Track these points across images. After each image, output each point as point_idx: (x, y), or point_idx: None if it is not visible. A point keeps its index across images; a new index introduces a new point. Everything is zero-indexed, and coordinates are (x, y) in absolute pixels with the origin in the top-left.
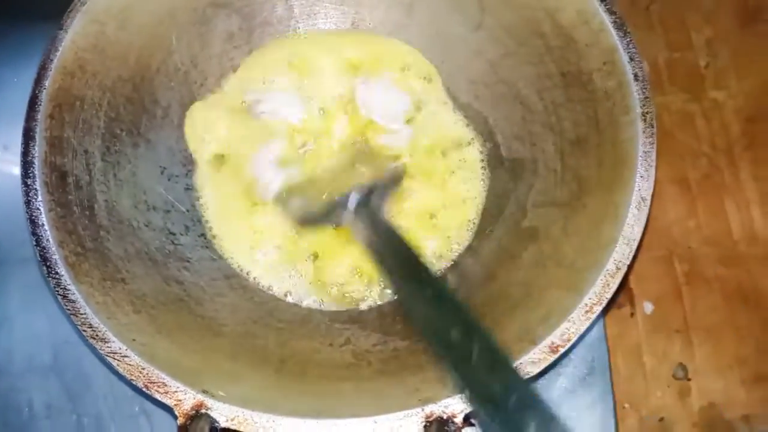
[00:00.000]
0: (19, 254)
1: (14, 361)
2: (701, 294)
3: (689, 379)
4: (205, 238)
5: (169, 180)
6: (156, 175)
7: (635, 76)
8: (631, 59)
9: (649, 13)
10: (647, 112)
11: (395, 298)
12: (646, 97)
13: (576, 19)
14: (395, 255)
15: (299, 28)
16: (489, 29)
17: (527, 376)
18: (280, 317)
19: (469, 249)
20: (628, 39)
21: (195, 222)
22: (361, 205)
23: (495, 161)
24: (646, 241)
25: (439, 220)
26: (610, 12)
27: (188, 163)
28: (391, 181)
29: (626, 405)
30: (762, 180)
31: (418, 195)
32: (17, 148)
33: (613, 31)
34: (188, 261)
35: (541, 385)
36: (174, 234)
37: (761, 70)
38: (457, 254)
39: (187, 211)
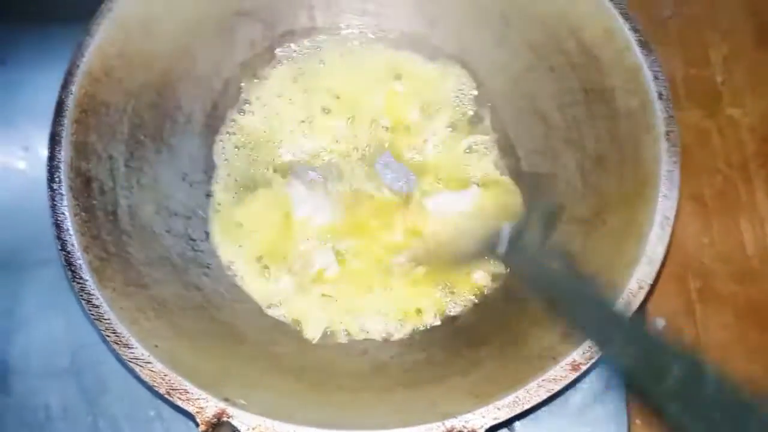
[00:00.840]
0: (38, 257)
1: (32, 363)
2: (713, 311)
3: None
4: None
5: (190, 186)
6: (177, 182)
7: (659, 94)
8: (656, 78)
9: (667, 29)
10: (671, 131)
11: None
12: (670, 116)
13: (600, 36)
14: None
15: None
16: (512, 44)
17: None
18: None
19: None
20: (653, 57)
21: None
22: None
23: (515, 175)
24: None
25: None
26: (635, 30)
27: (209, 169)
28: (544, 217)
29: (638, 421)
30: None
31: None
32: (37, 150)
33: (638, 50)
34: (208, 267)
35: (556, 401)
36: (194, 240)
37: None
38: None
39: (208, 217)
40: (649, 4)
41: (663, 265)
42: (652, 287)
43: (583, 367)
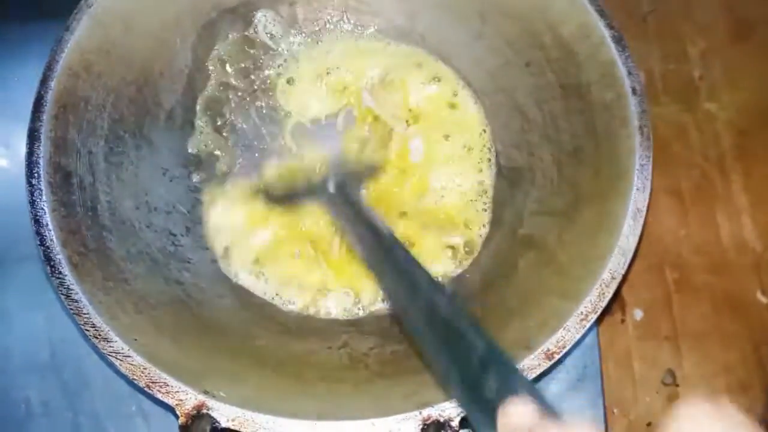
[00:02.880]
0: (18, 252)
1: (12, 358)
2: (690, 302)
3: (678, 385)
4: (206, 240)
5: (170, 181)
6: (158, 177)
7: (633, 89)
8: (630, 73)
9: (645, 24)
10: (644, 126)
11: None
12: (643, 111)
13: (576, 32)
14: (367, 232)
15: (303, 33)
16: (489, 39)
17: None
18: (278, 319)
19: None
20: (627, 53)
21: (196, 223)
22: (339, 187)
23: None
24: (638, 250)
25: None
26: (610, 26)
27: (189, 164)
28: (368, 171)
29: (615, 410)
30: (752, 191)
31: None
32: (17, 146)
33: (613, 45)
34: (189, 262)
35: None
36: (175, 235)
37: (752, 84)
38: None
39: (188, 212)
40: (628, 1)
41: (635, 255)
42: (625, 277)
43: (557, 356)
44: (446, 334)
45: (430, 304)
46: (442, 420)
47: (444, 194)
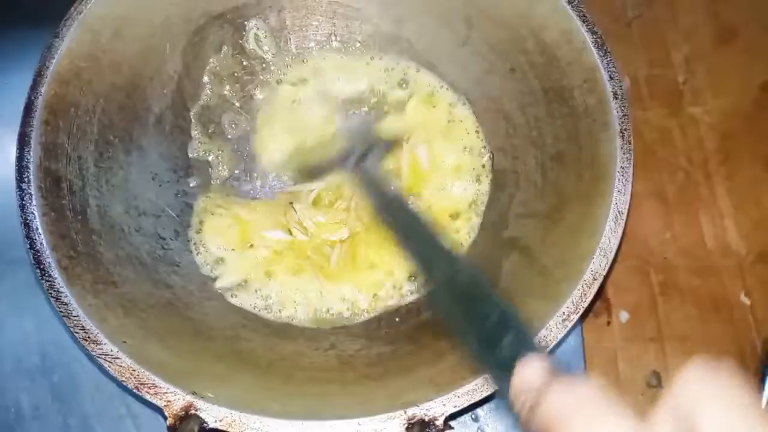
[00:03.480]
0: (8, 256)
1: (2, 362)
2: (675, 304)
3: (663, 387)
4: (194, 244)
5: (160, 186)
6: (147, 181)
7: (614, 94)
8: (611, 78)
9: (630, 30)
10: (625, 129)
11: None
12: (625, 115)
13: (559, 37)
14: (388, 202)
15: (290, 39)
16: (475, 45)
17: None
18: (267, 321)
19: None
20: (609, 58)
21: (184, 227)
22: (360, 161)
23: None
24: (624, 252)
25: None
26: (592, 32)
27: (179, 169)
28: (388, 144)
29: None
30: (735, 194)
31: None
32: (6, 152)
33: (594, 51)
34: (177, 265)
35: None
36: (164, 239)
37: (735, 88)
38: None
39: (177, 216)
40: (612, 6)
41: (617, 257)
42: (608, 278)
43: None
44: (467, 298)
45: (451, 270)
46: (426, 419)
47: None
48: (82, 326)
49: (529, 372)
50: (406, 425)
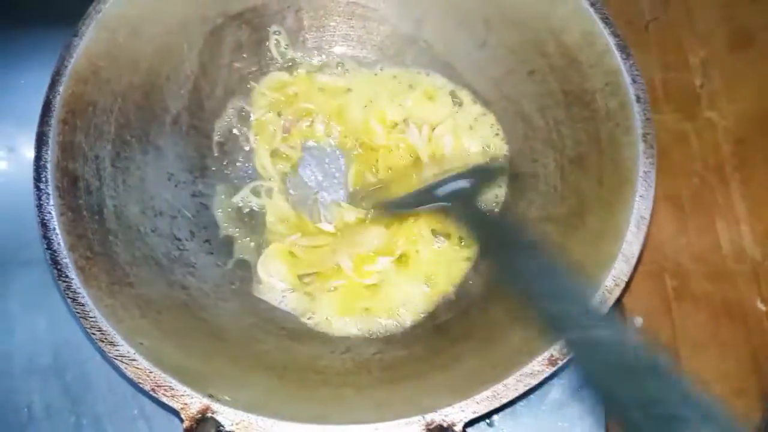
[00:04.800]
0: (22, 256)
1: (14, 361)
2: (689, 309)
3: None
4: (210, 244)
5: (176, 186)
6: (163, 182)
7: (637, 97)
8: (634, 81)
9: (647, 33)
10: (648, 133)
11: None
12: (647, 119)
13: (580, 40)
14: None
15: (308, 40)
16: (493, 47)
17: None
18: (282, 324)
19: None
20: (631, 61)
21: (200, 228)
22: (459, 192)
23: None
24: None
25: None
26: (614, 34)
27: (194, 169)
28: (489, 173)
29: None
30: (750, 199)
31: None
32: (23, 151)
33: (617, 53)
34: (193, 266)
35: (534, 396)
36: (180, 240)
37: (751, 93)
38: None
39: (193, 217)
40: (629, 9)
41: (638, 263)
42: (628, 284)
43: (560, 362)
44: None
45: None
46: (445, 425)
47: None
48: (99, 327)
49: None
50: (424, 430)
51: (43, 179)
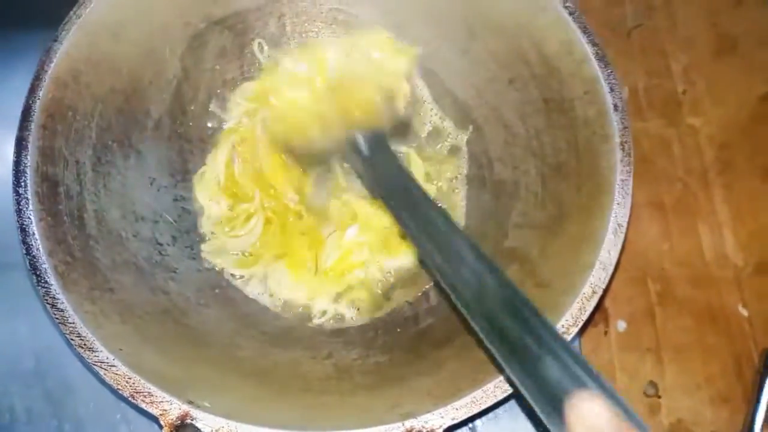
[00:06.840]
0: (2, 260)
1: None
2: (672, 314)
3: (659, 397)
4: (192, 249)
5: (158, 191)
6: (145, 186)
7: (615, 106)
8: (612, 90)
9: (630, 40)
10: (625, 142)
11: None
12: (625, 127)
13: (560, 49)
14: (404, 195)
15: (291, 44)
16: (476, 54)
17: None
18: (263, 329)
19: None
20: (609, 70)
21: (182, 233)
22: (373, 147)
23: (478, 182)
24: (622, 262)
25: None
26: (593, 43)
27: (176, 173)
28: (399, 128)
29: None
30: (733, 204)
31: None
32: (4, 155)
33: (595, 62)
34: (175, 271)
35: (515, 401)
36: (161, 244)
37: (733, 99)
38: None
39: (175, 221)
40: (612, 16)
41: (617, 269)
42: (608, 289)
43: None
44: (498, 312)
45: (478, 278)
46: (425, 431)
47: None
48: (78, 333)
49: (589, 415)
50: None
51: (23, 184)
